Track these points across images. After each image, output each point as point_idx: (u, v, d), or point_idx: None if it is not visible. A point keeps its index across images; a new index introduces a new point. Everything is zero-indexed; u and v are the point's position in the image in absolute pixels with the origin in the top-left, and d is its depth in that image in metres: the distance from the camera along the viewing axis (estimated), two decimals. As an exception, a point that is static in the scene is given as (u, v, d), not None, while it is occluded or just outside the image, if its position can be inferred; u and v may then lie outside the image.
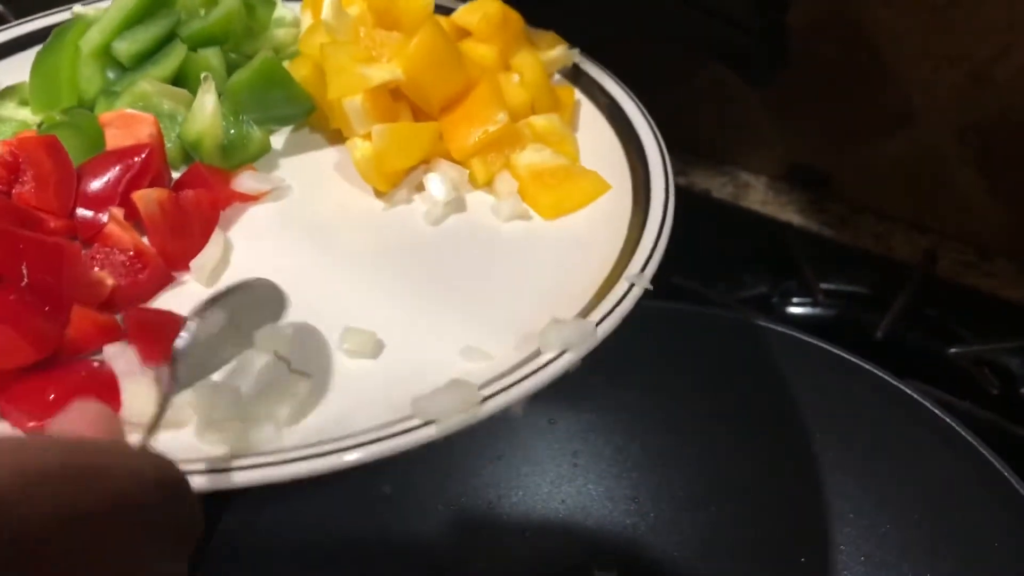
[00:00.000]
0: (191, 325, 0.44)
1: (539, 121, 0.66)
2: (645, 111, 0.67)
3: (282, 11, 0.73)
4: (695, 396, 0.73)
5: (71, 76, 0.65)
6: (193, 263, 0.56)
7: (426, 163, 0.63)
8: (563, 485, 0.75)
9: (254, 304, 0.48)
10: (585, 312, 0.51)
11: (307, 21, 0.71)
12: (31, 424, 0.47)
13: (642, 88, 0.73)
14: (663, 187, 0.60)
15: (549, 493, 0.75)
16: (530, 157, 0.64)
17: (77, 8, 0.70)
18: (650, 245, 0.56)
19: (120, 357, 0.50)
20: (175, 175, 0.61)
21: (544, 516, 0.74)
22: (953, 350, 0.86)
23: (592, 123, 0.69)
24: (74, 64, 0.65)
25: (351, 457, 0.43)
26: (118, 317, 0.52)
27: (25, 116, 0.65)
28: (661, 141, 0.65)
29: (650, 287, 0.53)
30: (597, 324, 0.49)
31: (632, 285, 0.52)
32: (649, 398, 0.74)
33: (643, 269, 0.54)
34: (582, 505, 0.74)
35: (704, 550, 0.72)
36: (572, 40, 0.72)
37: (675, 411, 0.73)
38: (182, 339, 0.43)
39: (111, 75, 0.65)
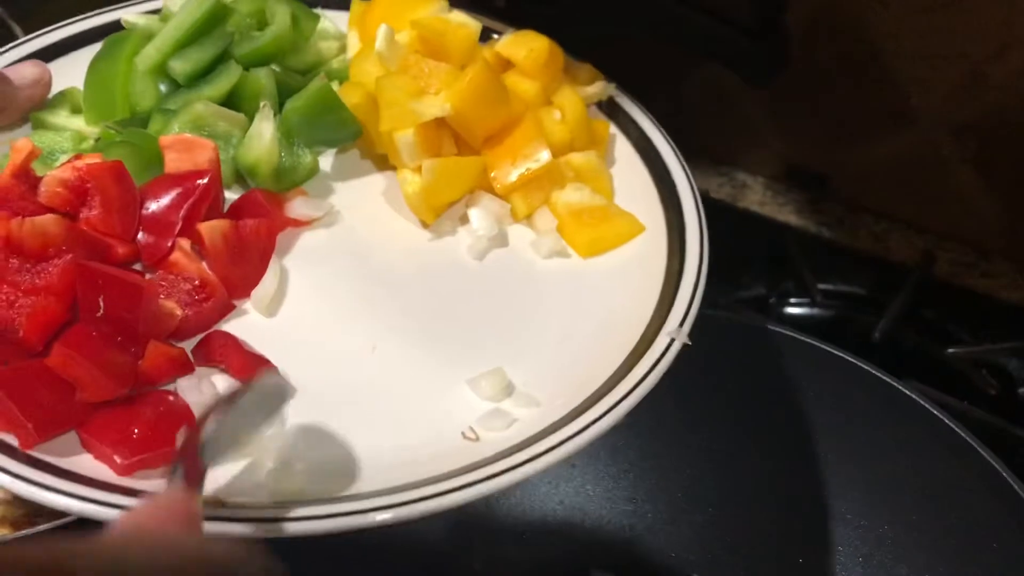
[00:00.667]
0: (211, 424, 0.44)
1: (578, 159, 0.67)
2: (676, 149, 0.69)
3: (325, 23, 0.73)
4: (693, 397, 0.73)
5: (125, 88, 0.66)
6: (254, 294, 0.57)
7: (469, 193, 0.64)
8: (561, 486, 0.75)
9: (259, 400, 0.49)
10: (627, 367, 0.53)
11: (353, 39, 0.72)
12: (117, 459, 0.47)
13: (641, 88, 0.73)
14: (697, 234, 0.62)
15: (547, 494, 0.75)
16: (569, 196, 0.65)
17: (127, 17, 0.71)
18: (687, 297, 0.57)
19: (194, 390, 0.51)
20: (226, 192, 0.62)
21: (542, 517, 0.74)
22: (951, 351, 0.86)
23: (625, 158, 0.70)
24: (128, 76, 0.66)
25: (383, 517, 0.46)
26: (188, 349, 0.53)
27: (79, 125, 0.65)
28: (693, 182, 0.66)
29: (688, 342, 0.54)
30: (639, 382, 0.52)
31: (672, 340, 0.54)
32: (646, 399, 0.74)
33: (682, 323, 0.55)
34: (580, 506, 0.74)
35: (702, 551, 0.72)
36: (570, 39, 0.71)
37: (672, 412, 0.73)
38: (205, 433, 0.43)
39: (164, 88, 0.65)
